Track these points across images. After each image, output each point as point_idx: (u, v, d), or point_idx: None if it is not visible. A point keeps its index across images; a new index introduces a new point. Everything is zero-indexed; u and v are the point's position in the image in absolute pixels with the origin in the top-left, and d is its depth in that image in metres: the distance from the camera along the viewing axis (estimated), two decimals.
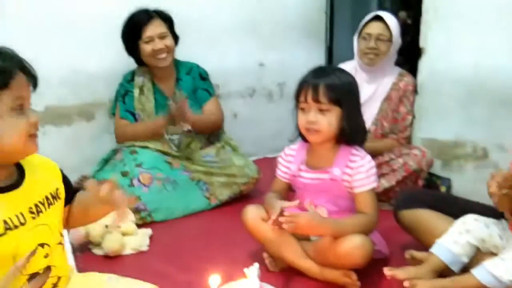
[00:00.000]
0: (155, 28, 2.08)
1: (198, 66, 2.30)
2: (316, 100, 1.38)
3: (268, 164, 2.32)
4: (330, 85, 1.38)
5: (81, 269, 1.14)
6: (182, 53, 2.29)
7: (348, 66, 2.14)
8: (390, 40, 2.05)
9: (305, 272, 1.48)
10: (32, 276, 0.88)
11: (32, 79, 0.90)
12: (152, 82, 2.21)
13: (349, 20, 3.45)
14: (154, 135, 2.11)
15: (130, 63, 2.25)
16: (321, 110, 1.39)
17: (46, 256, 0.92)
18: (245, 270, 1.16)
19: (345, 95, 1.40)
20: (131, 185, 1.95)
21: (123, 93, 2.19)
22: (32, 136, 0.90)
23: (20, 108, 0.87)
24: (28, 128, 0.88)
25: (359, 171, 1.42)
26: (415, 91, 2.16)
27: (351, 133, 1.43)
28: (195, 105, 2.22)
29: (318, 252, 1.44)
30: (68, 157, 2.20)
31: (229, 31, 2.69)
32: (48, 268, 0.93)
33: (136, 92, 2.18)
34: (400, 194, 1.72)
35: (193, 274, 1.50)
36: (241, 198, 2.12)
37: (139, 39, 2.08)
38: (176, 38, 2.20)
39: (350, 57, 2.21)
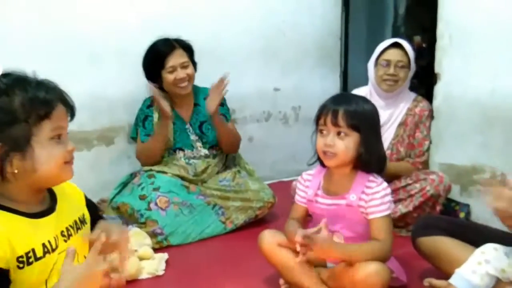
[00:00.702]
0: (177, 58, 2.14)
1: None
2: (335, 123, 1.40)
3: (283, 188, 2.33)
4: (350, 111, 1.40)
5: None
6: (199, 79, 2.34)
7: (362, 91, 2.16)
8: (408, 66, 2.07)
9: None
10: None
11: (70, 109, 0.95)
12: (171, 107, 2.26)
13: (363, 46, 3.48)
14: (162, 135, 2.14)
15: (147, 90, 2.31)
16: (339, 134, 1.41)
17: None
18: None
19: (364, 122, 1.42)
20: (148, 208, 1.97)
21: (143, 118, 2.24)
22: (68, 163, 0.94)
23: (58, 137, 0.91)
24: (64, 156, 0.92)
25: (374, 197, 1.42)
26: (431, 116, 2.16)
27: (369, 160, 1.43)
28: (213, 131, 2.26)
29: (334, 279, 1.43)
30: (88, 181, 2.25)
31: (245, 57, 2.75)
32: None
33: (155, 116, 2.23)
34: (418, 221, 1.70)
35: None
36: (257, 222, 2.13)
37: (162, 68, 2.14)
38: (195, 65, 2.26)
39: (365, 82, 2.23)
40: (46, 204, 0.95)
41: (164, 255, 1.82)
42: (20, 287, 0.86)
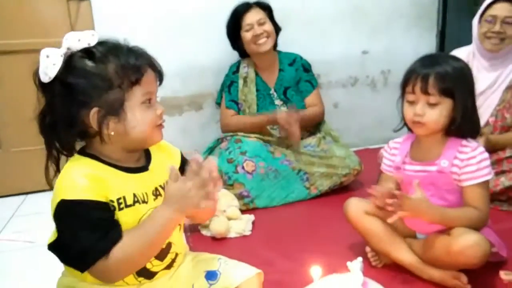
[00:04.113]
0: (253, 16, 2.17)
1: (301, 58, 2.31)
2: (425, 91, 1.30)
3: (370, 155, 2.26)
4: (441, 76, 1.28)
5: (191, 248, 1.24)
6: (286, 44, 2.32)
7: (463, 52, 1.98)
8: None
9: (410, 269, 1.42)
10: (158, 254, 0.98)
11: (159, 75, 0.99)
12: (255, 73, 2.29)
13: (465, 2, 3.14)
14: (255, 129, 2.20)
15: (234, 58, 2.35)
16: (429, 103, 1.31)
17: None
18: (348, 263, 1.15)
19: (458, 86, 1.29)
20: (236, 172, 2.05)
21: (229, 83, 2.30)
22: (159, 126, 0.99)
23: (149, 101, 0.96)
24: (155, 119, 0.97)
25: (470, 163, 1.31)
26: None
27: (463, 125, 1.32)
28: (297, 97, 2.25)
29: (427, 249, 1.37)
30: (179, 144, 2.37)
31: (332, 19, 2.65)
32: (169, 244, 1.02)
33: (240, 83, 2.28)
34: None
35: (294, 262, 1.53)
36: (341, 190, 2.10)
37: (240, 28, 2.19)
38: (276, 27, 2.24)
39: (466, 42, 2.02)
40: (141, 163, 1.02)
41: (251, 217, 1.90)
42: None
